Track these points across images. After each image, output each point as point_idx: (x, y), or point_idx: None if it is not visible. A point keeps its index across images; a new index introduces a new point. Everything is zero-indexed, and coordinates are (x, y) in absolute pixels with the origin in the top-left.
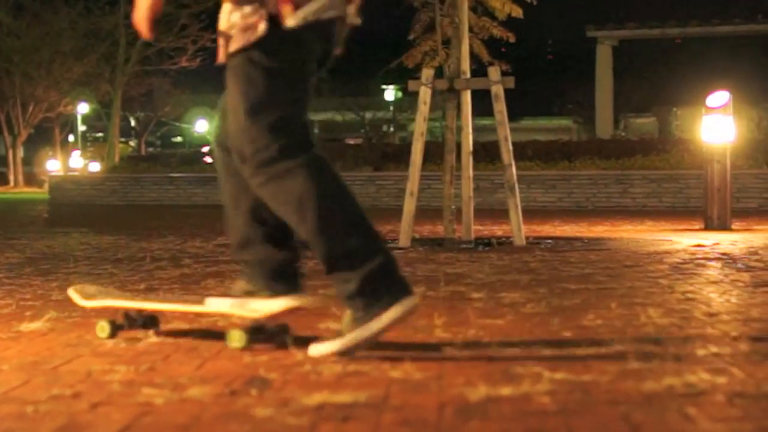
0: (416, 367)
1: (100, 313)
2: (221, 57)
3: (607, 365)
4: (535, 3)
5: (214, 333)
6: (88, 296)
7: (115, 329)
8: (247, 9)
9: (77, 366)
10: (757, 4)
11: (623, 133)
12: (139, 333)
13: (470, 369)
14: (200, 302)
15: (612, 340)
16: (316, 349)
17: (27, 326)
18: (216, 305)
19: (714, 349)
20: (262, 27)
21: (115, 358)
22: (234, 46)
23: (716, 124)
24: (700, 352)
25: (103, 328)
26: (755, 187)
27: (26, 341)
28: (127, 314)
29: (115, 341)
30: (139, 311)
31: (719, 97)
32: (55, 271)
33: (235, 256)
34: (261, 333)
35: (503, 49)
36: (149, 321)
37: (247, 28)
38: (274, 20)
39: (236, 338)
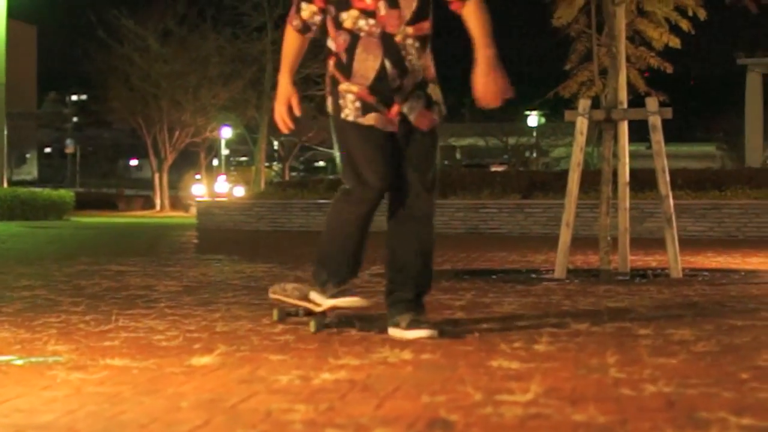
0: (598, 410)
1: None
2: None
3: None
4: (692, 32)
5: (385, 369)
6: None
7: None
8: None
9: (255, 404)
10: None
11: None
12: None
13: (653, 413)
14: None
15: None
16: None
17: (198, 360)
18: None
19: None
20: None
21: (293, 396)
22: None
23: None
24: None
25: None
26: None
27: (200, 376)
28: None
29: (290, 377)
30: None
31: None
32: (215, 301)
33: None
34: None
35: (646, 74)
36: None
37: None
38: None
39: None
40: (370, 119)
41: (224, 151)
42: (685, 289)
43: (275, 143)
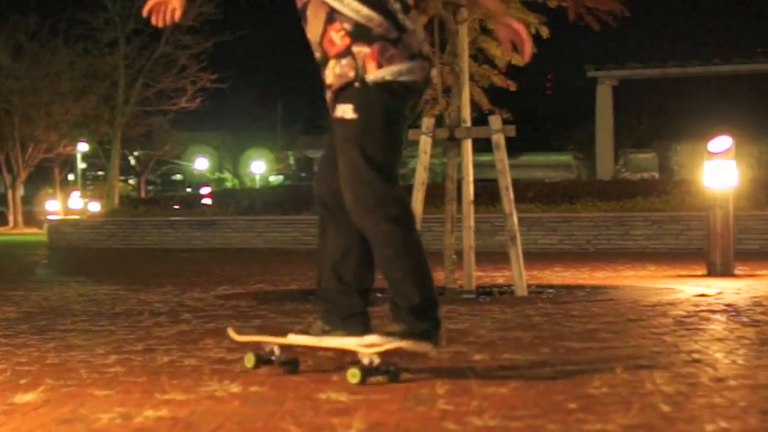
0: None
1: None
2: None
3: None
4: (536, 51)
5: (211, 405)
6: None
7: (260, 362)
8: (344, 60)
9: None
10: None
11: (623, 169)
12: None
13: None
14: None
15: (619, 414)
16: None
17: (21, 398)
18: (329, 342)
19: (723, 423)
20: (351, 74)
21: None
22: (339, 98)
23: (718, 170)
24: (709, 427)
25: (249, 359)
26: (757, 229)
27: (20, 416)
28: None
29: (111, 416)
30: (284, 350)
31: (721, 143)
32: (53, 329)
33: (319, 295)
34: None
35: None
36: (291, 362)
37: (342, 75)
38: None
39: (354, 375)
40: None
41: (81, 165)
42: (527, 309)
43: (131, 158)
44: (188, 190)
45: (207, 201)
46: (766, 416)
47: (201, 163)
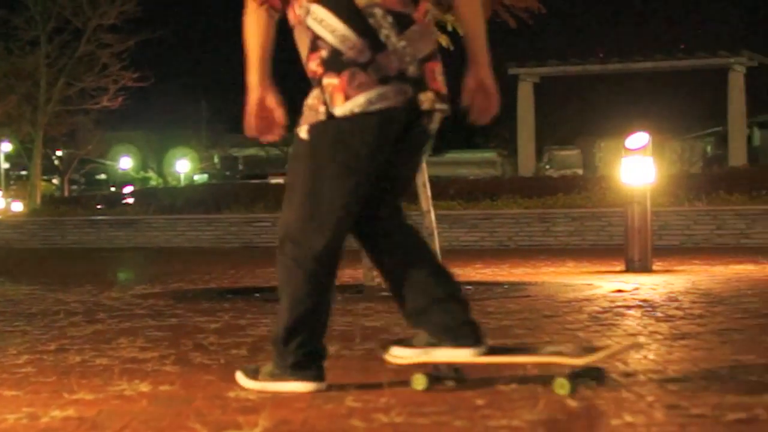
0: None
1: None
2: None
3: None
4: (451, 48)
5: (119, 404)
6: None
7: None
8: (315, 92)
9: None
10: (677, 42)
11: (547, 166)
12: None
13: None
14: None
15: (526, 409)
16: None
17: None
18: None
19: (628, 418)
20: (321, 109)
21: None
22: (302, 122)
23: (636, 166)
24: (615, 422)
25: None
26: (677, 224)
27: None
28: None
29: (18, 416)
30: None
31: (638, 139)
32: None
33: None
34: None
35: None
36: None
37: (312, 108)
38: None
39: (561, 385)
40: None
41: (4, 165)
42: None
43: (54, 158)
44: (112, 189)
45: (129, 200)
46: (672, 410)
47: (125, 163)
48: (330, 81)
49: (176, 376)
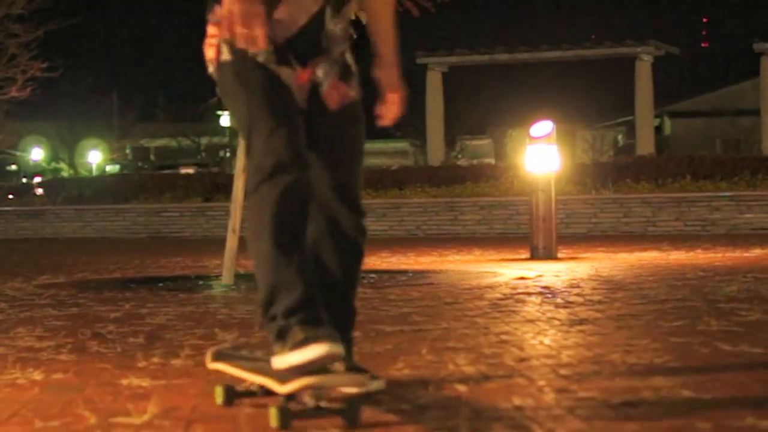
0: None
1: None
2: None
3: (406, 427)
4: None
5: (11, 392)
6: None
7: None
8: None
9: None
10: (587, 32)
11: (459, 156)
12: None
13: None
14: None
15: (416, 394)
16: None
17: None
18: None
19: (517, 401)
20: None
21: None
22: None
23: (540, 154)
24: (504, 405)
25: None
26: (584, 212)
27: None
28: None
29: None
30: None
31: (542, 127)
32: None
33: None
34: None
35: None
36: None
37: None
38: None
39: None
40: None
41: None
42: None
43: None
44: (24, 180)
45: (39, 191)
46: (561, 394)
47: (36, 154)
48: None
49: (71, 365)
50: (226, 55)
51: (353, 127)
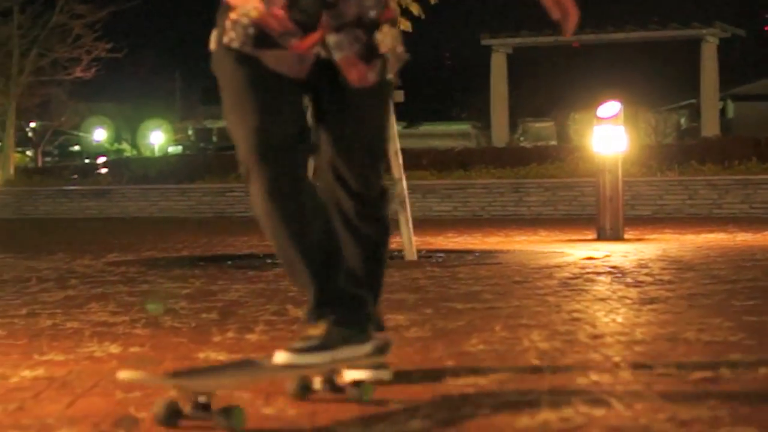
0: (289, 405)
1: None
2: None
3: (484, 397)
4: (422, 17)
5: (89, 365)
6: None
7: None
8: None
9: None
10: (650, 13)
11: (522, 138)
12: None
13: (343, 404)
14: None
15: (492, 369)
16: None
17: None
18: None
19: (594, 377)
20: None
21: None
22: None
23: (607, 135)
24: (581, 380)
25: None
26: (649, 194)
27: None
28: None
29: None
30: None
31: (610, 108)
32: None
33: None
34: None
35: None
36: None
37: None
38: None
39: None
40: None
41: None
42: (415, 272)
43: (27, 129)
44: (87, 161)
45: (103, 170)
46: (637, 370)
47: (99, 134)
48: None
49: (146, 339)
50: (212, 45)
51: (366, 111)
